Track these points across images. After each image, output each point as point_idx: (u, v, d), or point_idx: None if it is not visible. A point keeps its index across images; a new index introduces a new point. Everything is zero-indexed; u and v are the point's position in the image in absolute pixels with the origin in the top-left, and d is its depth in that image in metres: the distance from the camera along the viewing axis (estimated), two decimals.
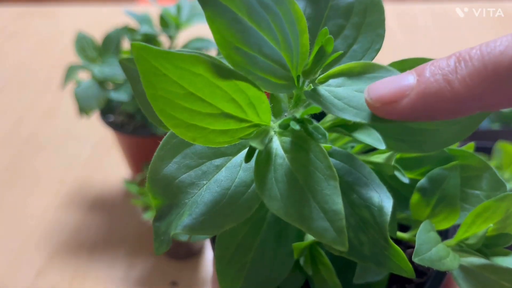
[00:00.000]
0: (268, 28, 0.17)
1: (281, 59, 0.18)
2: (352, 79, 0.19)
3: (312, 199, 0.17)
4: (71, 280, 0.61)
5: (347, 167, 0.20)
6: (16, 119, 0.91)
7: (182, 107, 0.17)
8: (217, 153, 0.20)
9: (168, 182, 0.19)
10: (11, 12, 1.34)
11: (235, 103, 0.17)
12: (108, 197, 0.73)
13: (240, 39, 0.16)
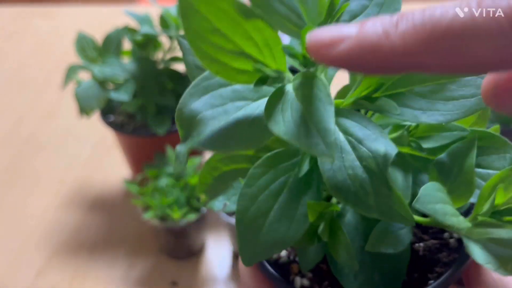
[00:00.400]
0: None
1: (296, 9, 0.21)
2: None
3: (310, 121, 0.20)
4: (71, 280, 0.61)
5: (358, 125, 0.23)
6: (16, 119, 0.91)
7: (209, 41, 0.20)
8: (240, 97, 0.23)
9: (193, 115, 0.22)
10: (11, 12, 1.34)
11: (253, 41, 0.20)
12: (108, 197, 0.73)
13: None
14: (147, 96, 0.65)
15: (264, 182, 0.24)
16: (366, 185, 0.22)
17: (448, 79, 0.23)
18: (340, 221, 0.26)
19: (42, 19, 1.30)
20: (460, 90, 0.23)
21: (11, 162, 0.80)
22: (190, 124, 0.22)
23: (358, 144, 0.22)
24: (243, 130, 0.22)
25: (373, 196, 0.22)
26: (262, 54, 0.21)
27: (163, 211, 0.56)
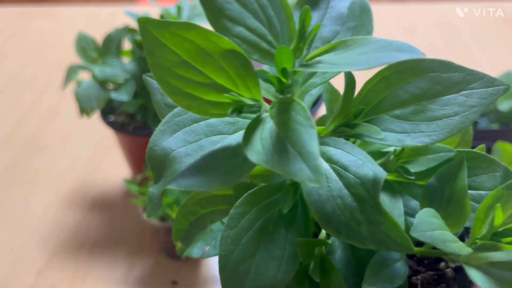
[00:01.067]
0: (253, 8, 0.20)
1: (266, 35, 0.20)
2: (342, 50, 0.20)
3: (291, 147, 0.18)
4: (71, 279, 0.61)
5: (344, 152, 0.22)
6: (17, 119, 0.91)
7: (178, 75, 0.19)
8: (215, 132, 0.22)
9: (165, 153, 0.21)
10: (12, 12, 1.34)
11: (225, 72, 0.19)
12: (108, 197, 0.73)
13: (226, 13, 0.19)
14: (147, 96, 0.65)
15: (246, 222, 0.23)
16: (357, 214, 0.21)
17: (428, 99, 0.23)
18: (331, 258, 0.24)
19: (43, 19, 1.30)
20: (442, 109, 0.23)
21: (12, 162, 0.80)
22: (163, 163, 0.21)
23: (344, 171, 0.21)
24: (221, 164, 0.21)
25: (366, 225, 0.20)
26: (236, 85, 0.20)
27: (163, 211, 0.56)
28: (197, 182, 0.20)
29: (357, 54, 0.20)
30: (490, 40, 1.13)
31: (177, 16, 0.65)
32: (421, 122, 0.23)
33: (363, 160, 0.21)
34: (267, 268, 0.22)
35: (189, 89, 0.19)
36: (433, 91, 0.23)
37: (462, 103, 0.22)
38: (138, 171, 0.70)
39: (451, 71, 0.24)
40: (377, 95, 0.23)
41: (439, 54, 1.08)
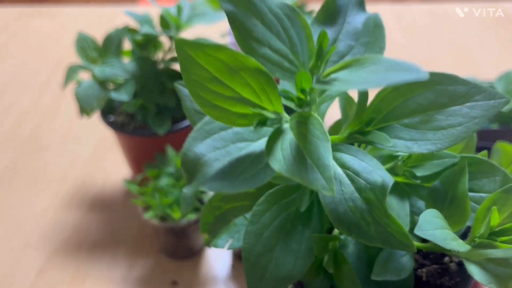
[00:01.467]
0: (277, 30, 0.22)
1: (288, 55, 0.23)
2: (355, 68, 0.22)
3: (308, 158, 0.21)
4: (71, 279, 0.61)
5: (354, 158, 0.24)
6: (17, 119, 0.91)
7: (208, 89, 0.21)
8: (241, 139, 0.24)
9: (197, 158, 0.24)
10: (12, 12, 1.34)
11: (250, 87, 0.21)
12: (108, 197, 0.73)
13: (253, 35, 0.22)
14: (147, 96, 0.65)
15: (267, 218, 0.25)
16: (366, 215, 0.23)
17: (435, 110, 0.25)
18: (344, 252, 0.27)
19: (43, 19, 1.30)
20: (447, 120, 0.25)
21: (11, 162, 0.80)
22: (195, 167, 0.24)
23: (356, 176, 0.23)
24: (246, 168, 0.23)
25: (374, 226, 0.23)
26: (260, 99, 0.22)
27: (164, 211, 0.56)
28: (225, 185, 0.23)
29: (369, 72, 0.21)
30: (490, 41, 1.13)
31: (177, 17, 0.65)
32: (428, 130, 0.25)
33: (373, 166, 0.23)
34: (286, 261, 0.25)
35: (218, 101, 0.22)
36: (440, 102, 0.25)
37: (465, 115, 0.24)
38: (138, 171, 0.70)
39: (456, 84, 0.25)
40: (388, 104, 0.25)
41: (439, 54, 1.08)
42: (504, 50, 1.10)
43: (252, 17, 0.22)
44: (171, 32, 0.64)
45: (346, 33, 0.26)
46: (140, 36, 0.65)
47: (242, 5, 0.22)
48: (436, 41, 1.14)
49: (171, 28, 0.64)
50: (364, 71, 0.22)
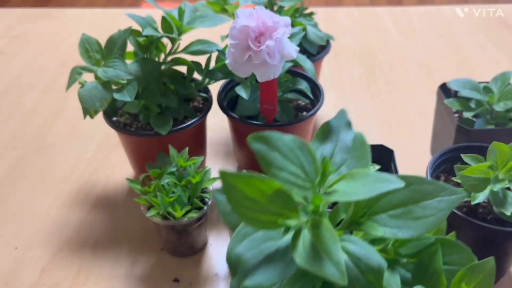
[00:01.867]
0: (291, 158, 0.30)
1: (301, 175, 0.30)
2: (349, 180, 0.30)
3: (324, 255, 0.27)
4: (74, 277, 0.62)
5: (357, 247, 0.31)
6: (21, 119, 0.92)
7: (245, 205, 0.29)
8: (269, 238, 0.32)
9: (238, 257, 0.31)
10: (16, 14, 1.36)
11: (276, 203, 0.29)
12: (111, 196, 0.74)
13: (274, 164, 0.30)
14: (149, 97, 0.66)
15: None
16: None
17: (412, 204, 0.32)
18: None
19: (46, 21, 1.31)
20: (422, 211, 0.31)
21: (16, 161, 0.82)
22: (237, 265, 0.31)
23: (359, 261, 0.30)
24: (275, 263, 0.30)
25: None
26: (282, 209, 0.30)
27: (166, 210, 0.58)
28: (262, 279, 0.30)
29: (361, 184, 0.29)
30: (485, 42, 1.14)
31: (179, 19, 0.66)
32: (408, 220, 0.32)
33: (370, 253, 0.30)
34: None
35: (253, 214, 0.29)
36: (415, 198, 0.32)
37: (435, 207, 0.31)
38: (140, 171, 0.71)
39: (426, 184, 0.32)
40: (376, 200, 0.32)
41: (436, 56, 1.09)
42: (499, 51, 1.11)
43: (273, 151, 0.30)
44: (173, 34, 0.65)
45: (340, 148, 0.34)
46: (142, 38, 0.66)
47: (265, 143, 0.30)
48: (433, 43, 1.15)
49: (173, 30, 0.66)
50: (357, 183, 0.29)
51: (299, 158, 0.31)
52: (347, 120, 0.36)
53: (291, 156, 0.31)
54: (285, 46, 0.58)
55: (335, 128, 0.35)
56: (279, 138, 0.31)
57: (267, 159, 0.30)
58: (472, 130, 0.64)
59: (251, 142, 0.30)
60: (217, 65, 0.70)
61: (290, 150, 0.31)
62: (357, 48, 1.13)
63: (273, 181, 0.29)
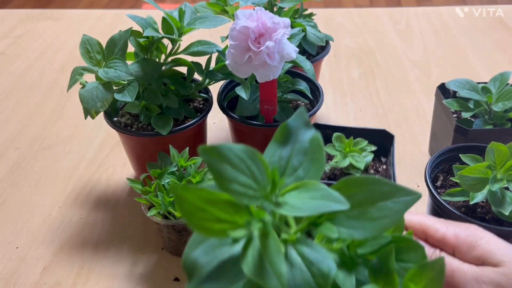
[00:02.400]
0: (242, 169, 0.30)
1: (252, 185, 0.31)
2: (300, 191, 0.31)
3: (268, 265, 0.28)
4: (76, 276, 0.62)
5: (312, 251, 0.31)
6: (23, 120, 0.93)
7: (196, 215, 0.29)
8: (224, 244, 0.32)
9: (193, 261, 0.31)
10: (17, 14, 1.36)
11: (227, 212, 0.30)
12: (112, 195, 0.75)
13: (224, 175, 0.30)
14: (150, 97, 0.67)
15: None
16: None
17: (368, 205, 0.32)
18: None
19: (47, 22, 1.31)
20: (377, 212, 0.32)
21: (17, 162, 0.82)
22: (192, 269, 0.31)
23: (311, 265, 0.30)
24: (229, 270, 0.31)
25: None
26: (233, 217, 0.30)
27: (166, 209, 0.58)
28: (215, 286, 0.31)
29: (310, 198, 0.31)
30: (486, 42, 1.15)
31: (179, 20, 0.66)
32: (364, 221, 0.32)
33: (323, 257, 0.31)
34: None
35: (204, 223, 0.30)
36: (370, 199, 0.32)
37: (391, 208, 0.32)
38: (141, 171, 0.71)
39: (382, 186, 0.32)
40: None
41: (434, 56, 1.09)
42: (498, 52, 1.11)
43: (222, 163, 0.30)
44: (173, 35, 0.66)
45: (297, 150, 0.35)
46: (143, 39, 0.66)
47: (216, 155, 0.30)
48: (432, 43, 1.16)
49: (173, 32, 0.66)
50: (306, 196, 0.31)
51: (250, 168, 0.31)
52: (306, 119, 0.35)
53: (242, 167, 0.31)
54: (285, 47, 0.59)
55: (293, 129, 0.35)
56: (229, 149, 0.31)
57: (218, 171, 0.30)
58: (471, 130, 0.64)
59: (201, 155, 0.30)
60: (217, 66, 0.70)
61: (240, 160, 0.31)
62: (356, 49, 1.14)
63: (222, 194, 0.29)
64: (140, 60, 0.66)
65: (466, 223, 0.39)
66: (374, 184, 0.32)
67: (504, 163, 0.54)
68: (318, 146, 0.34)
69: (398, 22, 1.26)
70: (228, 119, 0.70)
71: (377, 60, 1.09)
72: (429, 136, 0.80)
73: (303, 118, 0.35)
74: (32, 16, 1.35)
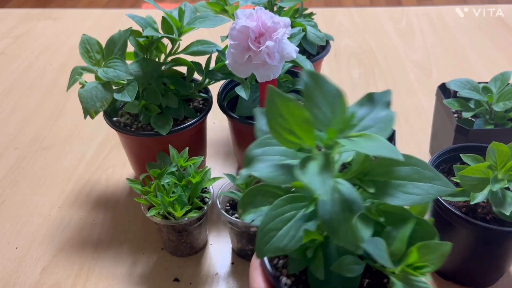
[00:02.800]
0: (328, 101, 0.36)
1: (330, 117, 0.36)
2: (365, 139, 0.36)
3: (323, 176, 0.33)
4: (75, 276, 0.62)
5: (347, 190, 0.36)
6: (22, 120, 0.92)
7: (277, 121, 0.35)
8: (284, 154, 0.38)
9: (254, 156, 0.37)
10: (17, 14, 1.36)
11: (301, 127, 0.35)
12: (112, 196, 0.75)
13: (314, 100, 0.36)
14: (150, 97, 0.67)
15: (282, 210, 0.38)
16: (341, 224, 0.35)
17: (408, 181, 0.37)
18: (325, 249, 0.40)
19: (47, 21, 1.31)
20: (413, 189, 0.37)
21: (17, 162, 0.82)
22: (252, 161, 0.37)
23: (343, 200, 0.35)
24: (282, 173, 0.37)
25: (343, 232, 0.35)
26: (304, 135, 0.36)
27: (166, 209, 0.58)
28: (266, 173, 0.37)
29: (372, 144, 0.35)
30: (486, 42, 1.15)
31: (179, 20, 0.66)
32: (400, 192, 0.37)
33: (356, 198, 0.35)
34: (284, 239, 0.37)
35: (280, 129, 0.36)
36: (412, 177, 0.37)
37: (426, 190, 0.37)
38: (141, 171, 0.71)
39: (426, 169, 0.37)
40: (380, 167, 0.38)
41: (436, 56, 1.09)
42: (499, 51, 1.11)
43: (316, 89, 0.36)
44: (173, 35, 0.66)
45: (371, 117, 0.39)
46: (143, 38, 0.66)
47: (315, 80, 0.36)
48: (433, 43, 1.16)
49: (173, 31, 0.66)
50: (370, 143, 0.35)
51: (334, 104, 0.36)
52: (388, 100, 0.40)
53: (329, 99, 0.36)
54: (285, 47, 0.59)
55: (375, 101, 0.40)
56: (326, 81, 0.36)
57: (310, 93, 0.36)
58: (471, 130, 0.64)
59: (304, 76, 0.36)
60: (217, 66, 0.70)
61: (330, 94, 0.36)
62: (356, 49, 1.14)
63: (304, 112, 0.34)
64: (140, 60, 0.66)
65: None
66: (420, 166, 0.37)
67: (505, 163, 0.54)
68: (390, 121, 0.39)
69: (398, 22, 1.26)
70: (228, 119, 0.70)
71: (378, 60, 1.08)
72: (429, 136, 0.80)
73: (387, 97, 0.40)
74: (32, 15, 1.35)
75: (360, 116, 0.39)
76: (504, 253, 0.56)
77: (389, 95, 0.40)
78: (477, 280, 0.59)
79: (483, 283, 0.60)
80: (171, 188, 0.58)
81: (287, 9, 0.80)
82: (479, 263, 0.57)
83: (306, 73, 0.36)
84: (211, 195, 0.62)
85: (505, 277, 0.60)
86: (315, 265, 0.39)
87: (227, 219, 0.59)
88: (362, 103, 0.40)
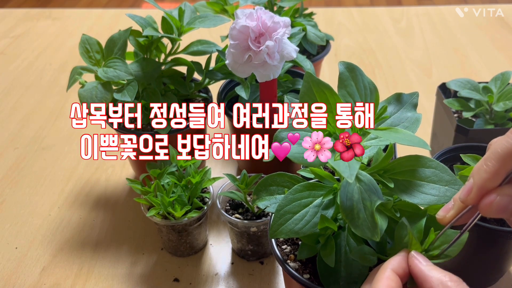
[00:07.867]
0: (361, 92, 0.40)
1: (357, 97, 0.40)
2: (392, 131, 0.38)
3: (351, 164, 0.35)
4: (75, 276, 0.62)
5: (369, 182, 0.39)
6: (22, 120, 0.92)
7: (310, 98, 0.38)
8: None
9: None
10: (17, 14, 1.36)
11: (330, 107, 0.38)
12: (112, 196, 0.75)
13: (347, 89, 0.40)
14: (150, 97, 0.66)
15: (300, 195, 0.41)
16: (360, 212, 0.37)
17: (427, 182, 0.40)
18: (338, 237, 0.42)
19: (47, 21, 1.31)
20: (430, 189, 0.39)
21: (16, 162, 0.82)
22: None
23: (365, 190, 0.38)
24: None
25: (361, 219, 0.37)
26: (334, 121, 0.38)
27: (166, 209, 0.58)
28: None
29: (398, 136, 0.37)
30: (487, 42, 1.15)
31: (179, 20, 0.66)
32: (417, 191, 0.39)
33: (377, 189, 0.38)
34: (299, 223, 0.40)
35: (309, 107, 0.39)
36: (431, 179, 0.40)
37: (443, 192, 0.39)
38: (140, 171, 0.71)
39: (445, 173, 0.39)
40: (404, 166, 0.41)
41: (436, 56, 1.09)
42: (499, 51, 1.11)
43: (351, 80, 0.39)
44: (173, 34, 0.65)
45: (398, 115, 0.42)
46: (143, 38, 0.66)
47: (351, 72, 0.39)
48: (433, 43, 1.16)
49: (173, 31, 0.66)
50: (397, 135, 0.37)
51: (366, 96, 0.39)
52: (416, 102, 0.43)
53: (361, 91, 0.39)
54: (285, 47, 0.59)
55: (403, 101, 0.43)
56: (361, 73, 0.39)
57: (345, 82, 0.39)
58: (472, 130, 0.64)
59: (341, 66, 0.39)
60: (217, 66, 0.70)
61: (363, 86, 0.39)
62: (356, 48, 1.14)
63: (339, 97, 0.37)
64: (140, 60, 0.66)
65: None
66: (441, 170, 0.40)
67: None
68: (416, 122, 0.41)
69: (398, 22, 1.26)
70: (228, 119, 0.70)
71: (378, 60, 1.08)
72: (429, 135, 0.80)
73: (415, 99, 0.43)
74: (31, 15, 1.35)
75: (387, 113, 0.41)
76: (504, 253, 0.56)
77: (417, 97, 0.43)
78: (477, 280, 0.59)
79: (483, 283, 0.60)
80: (171, 188, 0.58)
81: (287, 9, 0.80)
82: (479, 263, 0.57)
83: (343, 64, 0.39)
84: (211, 195, 0.62)
85: (505, 277, 0.60)
86: (326, 252, 0.41)
87: (227, 219, 0.59)
88: (390, 101, 0.43)
